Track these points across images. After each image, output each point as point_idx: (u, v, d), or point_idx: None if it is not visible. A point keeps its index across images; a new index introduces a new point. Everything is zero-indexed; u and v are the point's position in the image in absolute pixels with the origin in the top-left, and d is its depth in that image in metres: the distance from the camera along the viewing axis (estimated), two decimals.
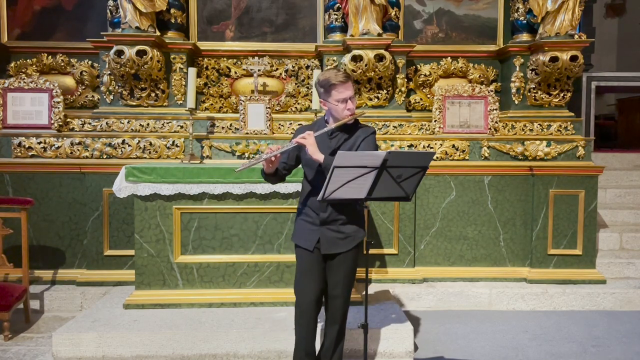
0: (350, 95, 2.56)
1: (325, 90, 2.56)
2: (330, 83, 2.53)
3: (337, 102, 2.55)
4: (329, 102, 2.58)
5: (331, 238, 2.64)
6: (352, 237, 2.67)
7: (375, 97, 4.72)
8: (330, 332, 2.75)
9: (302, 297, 2.66)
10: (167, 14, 4.64)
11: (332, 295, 2.70)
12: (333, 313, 2.72)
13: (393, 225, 4.44)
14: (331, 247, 2.64)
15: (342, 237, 2.65)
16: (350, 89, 2.56)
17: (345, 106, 2.56)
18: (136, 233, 3.68)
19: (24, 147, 4.39)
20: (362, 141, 2.61)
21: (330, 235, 2.64)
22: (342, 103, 2.55)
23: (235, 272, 3.75)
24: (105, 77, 4.65)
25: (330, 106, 2.59)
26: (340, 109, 2.56)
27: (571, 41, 4.51)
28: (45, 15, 4.94)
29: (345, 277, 2.68)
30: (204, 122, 4.67)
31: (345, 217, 2.65)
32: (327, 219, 2.63)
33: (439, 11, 5.09)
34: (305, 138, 2.48)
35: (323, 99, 2.60)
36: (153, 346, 3.21)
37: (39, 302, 4.11)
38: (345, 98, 2.55)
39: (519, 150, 4.56)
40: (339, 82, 2.53)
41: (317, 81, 2.62)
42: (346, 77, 2.55)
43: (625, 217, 5.36)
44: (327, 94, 2.56)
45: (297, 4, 5.00)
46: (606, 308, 4.34)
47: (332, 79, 2.53)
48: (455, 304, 4.34)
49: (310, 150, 2.47)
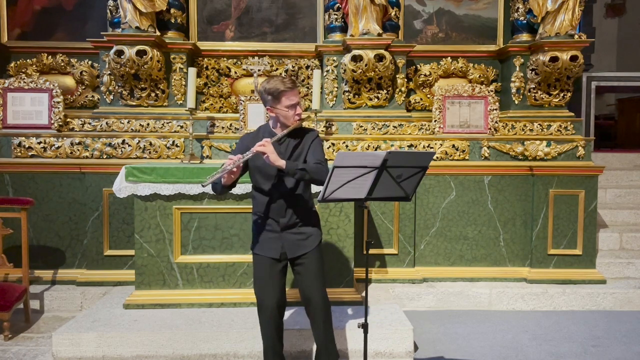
0: (298, 101, 2.63)
1: (273, 97, 2.60)
2: (279, 90, 2.58)
3: (286, 108, 2.60)
4: (278, 109, 2.62)
5: (294, 241, 2.69)
6: (313, 235, 2.74)
7: (375, 97, 4.72)
8: (318, 333, 2.75)
9: (266, 303, 2.69)
10: (167, 14, 4.64)
11: (308, 297, 2.71)
12: (315, 315, 2.73)
13: (393, 225, 4.44)
14: (296, 250, 2.70)
15: (304, 237, 2.71)
16: (298, 95, 2.64)
17: (295, 112, 2.62)
18: (136, 233, 3.68)
19: (24, 147, 4.39)
20: (310, 144, 2.68)
21: (292, 238, 2.70)
22: (291, 109, 2.61)
23: (235, 272, 3.75)
24: (105, 77, 4.65)
25: (279, 112, 2.63)
26: (290, 115, 2.62)
27: (571, 41, 4.51)
28: (45, 15, 4.94)
29: (316, 277, 2.71)
30: (204, 122, 4.67)
31: (303, 218, 2.72)
32: (287, 224, 2.69)
33: (439, 11, 5.09)
34: (264, 145, 2.49)
35: (271, 106, 2.64)
36: (153, 346, 3.21)
37: (39, 302, 4.11)
38: (294, 104, 2.61)
39: (519, 150, 4.56)
40: (287, 88, 2.58)
41: (263, 89, 2.64)
42: (293, 83, 2.63)
43: (625, 217, 5.36)
44: (276, 100, 2.60)
45: (297, 4, 5.00)
46: (606, 308, 4.34)
47: (281, 86, 2.58)
48: (455, 304, 4.35)
49: (272, 157, 2.48)
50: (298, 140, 2.69)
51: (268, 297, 2.68)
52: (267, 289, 2.70)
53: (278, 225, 2.68)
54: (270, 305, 2.68)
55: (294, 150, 2.67)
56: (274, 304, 2.68)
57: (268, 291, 2.69)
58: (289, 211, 2.68)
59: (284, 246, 2.69)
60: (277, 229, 2.69)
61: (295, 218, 2.69)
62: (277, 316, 2.72)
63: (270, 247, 2.70)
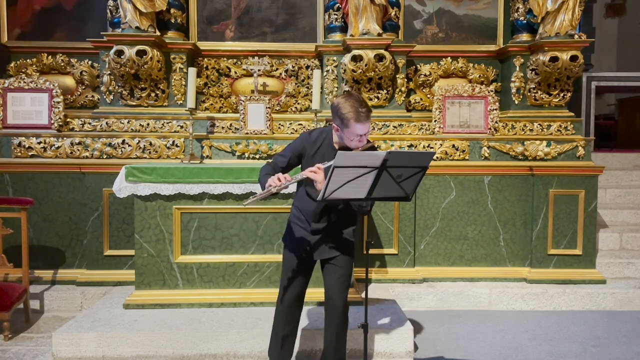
0: (367, 131, 2.53)
1: (343, 123, 2.49)
2: (350, 120, 2.46)
3: (352, 136, 2.51)
4: (343, 133, 2.53)
5: (325, 247, 2.72)
6: (346, 243, 2.74)
7: (375, 97, 4.72)
8: (329, 334, 2.76)
9: (287, 293, 2.77)
10: (167, 14, 4.64)
11: (329, 294, 2.73)
12: (332, 313, 2.73)
13: (393, 225, 4.44)
14: (325, 253, 2.72)
15: (336, 245, 2.72)
16: (368, 126, 2.51)
17: (359, 139, 2.52)
18: (136, 233, 3.68)
19: (24, 147, 4.39)
20: None
21: (325, 242, 2.71)
22: (356, 138, 2.52)
23: (235, 272, 3.75)
24: (105, 77, 4.65)
25: (342, 135, 2.55)
26: (352, 143, 2.54)
27: (571, 41, 4.51)
28: (45, 15, 4.94)
29: (342, 277, 2.71)
30: (204, 122, 4.67)
31: (341, 227, 2.72)
32: (324, 228, 2.70)
33: (439, 11, 5.09)
34: (316, 173, 2.46)
35: (338, 127, 2.54)
36: (153, 346, 3.21)
37: (39, 302, 4.11)
38: (361, 134, 2.51)
39: (519, 150, 4.56)
40: (361, 120, 2.46)
41: (337, 108, 2.49)
42: (367, 115, 2.48)
43: (625, 217, 5.37)
44: (344, 126, 2.49)
45: (297, 4, 5.00)
46: (606, 308, 4.34)
47: (354, 118, 2.44)
48: (455, 304, 4.35)
49: (318, 187, 2.45)
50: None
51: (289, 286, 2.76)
52: (291, 277, 2.76)
53: (310, 227, 2.72)
54: (289, 295, 2.76)
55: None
56: (293, 294, 2.76)
57: (291, 281, 2.76)
58: (324, 218, 2.70)
59: (314, 248, 2.72)
60: (308, 229, 2.73)
61: (332, 225, 2.70)
62: (294, 306, 2.79)
63: (301, 244, 2.75)
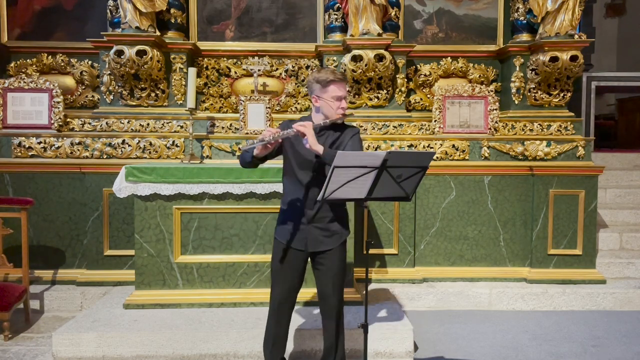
0: (345, 95, 2.61)
1: (322, 86, 2.57)
2: (329, 79, 2.56)
3: (332, 99, 2.57)
4: (324, 99, 2.58)
5: (317, 236, 2.66)
6: (338, 234, 2.69)
7: (375, 97, 4.72)
8: (328, 333, 2.75)
9: (279, 288, 2.70)
10: (167, 14, 4.64)
11: (323, 294, 2.70)
12: (328, 313, 2.72)
13: (393, 225, 4.44)
14: (318, 245, 2.66)
15: (329, 234, 2.67)
16: (345, 89, 2.62)
17: (339, 105, 2.59)
18: (136, 233, 3.68)
19: (24, 147, 4.39)
20: (349, 139, 2.62)
21: (316, 233, 2.66)
22: (337, 101, 2.58)
23: (235, 272, 3.75)
24: (105, 77, 4.65)
25: (324, 103, 2.59)
26: (334, 106, 2.58)
27: (571, 41, 4.51)
28: (45, 15, 4.94)
29: (335, 275, 2.68)
30: (204, 122, 4.67)
31: (332, 215, 2.67)
32: (314, 216, 2.64)
33: (439, 11, 5.09)
34: (306, 127, 2.45)
35: (317, 95, 2.60)
36: (153, 346, 3.21)
37: (39, 302, 4.11)
38: (341, 96, 2.58)
39: (519, 150, 4.56)
40: (338, 79, 2.56)
41: (312, 77, 2.61)
42: (344, 76, 2.62)
43: (625, 217, 5.37)
44: (323, 90, 2.57)
45: (297, 4, 5.00)
46: (606, 308, 4.34)
47: (331, 76, 2.56)
48: (455, 304, 4.34)
49: (311, 140, 2.44)
50: (338, 134, 2.65)
51: (280, 286, 2.69)
52: (280, 278, 2.70)
53: (305, 217, 2.65)
54: (280, 290, 2.69)
55: (332, 144, 2.61)
56: (286, 287, 2.69)
57: (281, 281, 2.69)
58: (318, 204, 2.62)
59: (307, 238, 2.65)
60: (303, 220, 2.65)
61: (323, 212, 2.64)
62: (286, 302, 2.72)
63: (293, 237, 2.67)
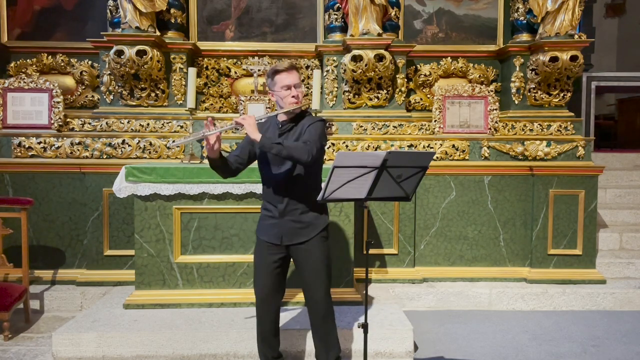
0: (295, 82, 2.62)
1: (271, 79, 2.65)
2: (274, 70, 2.63)
3: (282, 89, 2.61)
4: (275, 91, 2.65)
5: (291, 228, 2.66)
6: (313, 225, 2.67)
7: (375, 97, 4.72)
8: (317, 331, 2.73)
9: (259, 285, 2.72)
10: (167, 14, 4.64)
11: (307, 288, 2.69)
12: (313, 308, 2.70)
13: (393, 225, 4.44)
14: (293, 237, 2.66)
15: (303, 226, 2.66)
16: (295, 77, 2.63)
17: (290, 93, 2.62)
18: (136, 233, 3.68)
19: (24, 147, 4.39)
20: (306, 128, 2.61)
21: (290, 225, 2.66)
22: (286, 90, 2.61)
23: (235, 272, 3.75)
24: (105, 77, 4.65)
25: (276, 95, 2.65)
26: (284, 95, 2.62)
27: (571, 41, 4.51)
28: (45, 15, 4.94)
29: (316, 268, 2.65)
30: (204, 122, 4.66)
31: (304, 206, 2.66)
32: (285, 209, 2.65)
33: (439, 11, 5.09)
34: (244, 118, 2.53)
35: (270, 89, 2.69)
36: (153, 346, 3.21)
37: (39, 302, 4.11)
38: (289, 85, 2.61)
39: (519, 150, 4.56)
40: (283, 68, 2.61)
41: (266, 75, 2.71)
42: (291, 65, 2.65)
43: (625, 217, 5.36)
44: (273, 82, 2.65)
45: (297, 4, 5.00)
46: (606, 308, 4.34)
47: (277, 66, 2.64)
48: (455, 304, 4.34)
49: (248, 130, 2.50)
50: (299, 125, 2.67)
51: (260, 283, 2.71)
52: (260, 275, 2.71)
53: (277, 210, 2.66)
54: (261, 292, 2.70)
55: (294, 135, 2.64)
56: (265, 291, 2.69)
57: (261, 277, 2.71)
58: (285, 198, 2.64)
59: (281, 232, 2.66)
60: (276, 214, 2.67)
61: (293, 205, 2.64)
62: (268, 304, 2.72)
63: (269, 232, 2.69)
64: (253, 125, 2.51)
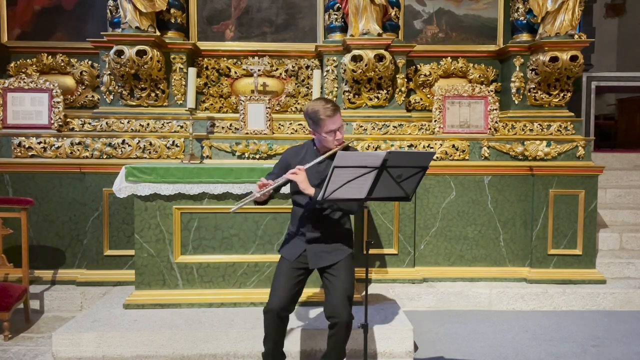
0: (339, 126, 2.63)
1: (314, 122, 2.63)
2: (320, 117, 2.60)
3: (327, 134, 2.62)
4: (319, 134, 2.65)
5: (318, 252, 2.72)
6: (340, 250, 2.74)
7: (375, 97, 4.72)
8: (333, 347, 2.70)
9: (270, 305, 2.69)
10: (167, 14, 4.64)
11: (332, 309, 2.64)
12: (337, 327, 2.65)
13: (393, 225, 4.44)
14: (318, 261, 2.72)
15: (330, 250, 2.72)
16: (339, 121, 2.63)
17: (334, 137, 2.63)
18: (136, 233, 3.68)
19: (24, 147, 4.39)
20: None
21: (316, 249, 2.72)
22: (330, 135, 2.62)
23: (235, 272, 3.75)
24: (105, 77, 4.65)
25: (320, 137, 2.66)
26: (329, 140, 2.64)
27: (571, 41, 4.51)
28: (45, 15, 4.94)
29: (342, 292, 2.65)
30: (204, 122, 4.67)
31: (334, 235, 2.74)
32: (314, 237, 2.72)
33: (439, 11, 5.09)
34: (296, 174, 2.55)
35: (312, 130, 2.68)
36: (153, 346, 3.21)
37: (39, 302, 4.11)
38: (335, 129, 2.62)
39: (519, 150, 4.56)
40: (328, 116, 2.59)
41: (306, 112, 2.67)
42: (334, 110, 2.61)
43: (625, 217, 5.37)
44: (316, 125, 2.63)
45: (297, 4, 5.00)
46: (606, 308, 4.34)
47: (321, 113, 2.59)
48: (455, 304, 4.34)
49: (302, 186, 2.56)
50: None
51: (274, 299, 2.69)
52: (276, 291, 2.71)
53: (305, 237, 2.74)
54: (273, 307, 2.69)
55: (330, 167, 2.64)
56: (276, 307, 2.68)
57: (276, 294, 2.70)
58: (318, 228, 2.72)
59: (308, 256, 2.73)
60: (303, 240, 2.75)
61: (324, 234, 2.72)
62: (277, 320, 2.70)
63: (295, 252, 2.76)
64: (305, 181, 2.56)
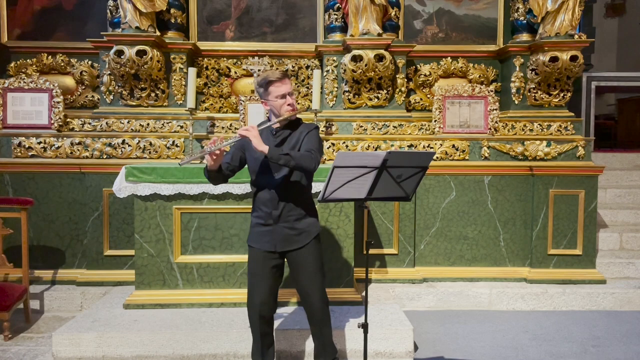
0: (288, 90, 2.62)
1: (264, 89, 2.63)
2: (267, 80, 2.60)
3: (276, 98, 2.61)
4: (269, 100, 2.64)
5: (285, 235, 2.66)
6: (307, 232, 2.68)
7: (375, 97, 4.72)
8: (315, 332, 2.75)
9: (254, 298, 2.68)
10: (167, 14, 4.64)
11: (304, 293, 2.70)
12: (312, 312, 2.72)
13: (393, 225, 4.44)
14: (286, 245, 2.67)
15: (296, 233, 2.66)
16: (288, 85, 2.63)
17: (285, 101, 2.61)
18: (136, 233, 3.68)
19: (24, 147, 4.39)
20: (305, 136, 2.64)
21: (284, 232, 2.65)
22: (281, 99, 2.61)
23: (235, 272, 3.75)
24: (105, 77, 4.65)
25: (270, 104, 2.64)
26: (279, 105, 2.61)
27: (571, 41, 4.51)
28: (45, 15, 4.94)
29: (313, 274, 2.67)
30: (204, 122, 4.67)
31: (298, 212, 2.66)
32: (280, 215, 2.64)
33: (439, 11, 5.09)
34: (249, 130, 2.50)
35: (264, 99, 2.67)
36: (153, 346, 3.21)
37: (39, 302, 4.11)
38: (284, 93, 2.60)
39: (519, 150, 4.56)
40: (276, 78, 2.60)
41: (255, 83, 2.68)
42: (283, 74, 2.64)
43: (625, 217, 5.37)
44: (266, 92, 2.63)
45: (297, 4, 5.00)
46: (606, 308, 4.34)
47: (270, 76, 2.61)
48: (455, 304, 4.34)
49: (255, 142, 2.47)
50: (294, 132, 2.67)
51: (256, 292, 2.67)
52: (255, 284, 2.68)
53: (270, 217, 2.65)
54: (257, 301, 2.67)
55: (290, 143, 2.64)
56: (260, 300, 2.66)
57: (256, 286, 2.67)
58: (281, 204, 2.63)
59: (275, 239, 2.66)
60: (269, 221, 2.66)
61: (288, 211, 2.64)
62: (263, 313, 2.68)
63: (263, 239, 2.68)
64: (258, 137, 2.48)
